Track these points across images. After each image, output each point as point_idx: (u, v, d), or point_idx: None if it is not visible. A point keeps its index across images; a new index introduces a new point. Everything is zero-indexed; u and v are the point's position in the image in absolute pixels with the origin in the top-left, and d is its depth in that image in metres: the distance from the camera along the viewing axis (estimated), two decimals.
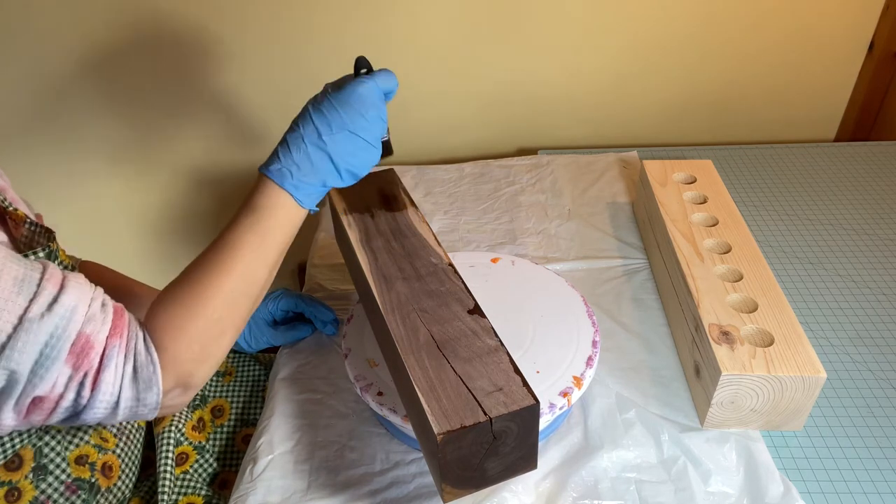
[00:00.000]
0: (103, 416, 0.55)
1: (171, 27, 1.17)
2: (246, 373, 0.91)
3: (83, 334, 0.52)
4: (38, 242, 0.64)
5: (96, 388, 0.53)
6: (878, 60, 1.25)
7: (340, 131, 0.62)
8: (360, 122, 0.62)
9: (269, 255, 0.62)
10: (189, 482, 0.78)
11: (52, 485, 0.63)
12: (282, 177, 0.61)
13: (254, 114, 1.28)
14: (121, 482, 0.70)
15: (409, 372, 0.56)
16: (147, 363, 0.55)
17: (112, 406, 0.54)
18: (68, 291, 0.53)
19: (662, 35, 1.22)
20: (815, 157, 1.19)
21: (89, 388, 0.52)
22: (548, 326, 0.74)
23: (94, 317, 0.54)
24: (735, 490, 0.66)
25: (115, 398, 0.54)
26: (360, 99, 0.62)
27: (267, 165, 0.62)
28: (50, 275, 0.53)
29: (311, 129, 0.62)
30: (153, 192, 1.36)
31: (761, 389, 0.68)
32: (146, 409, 0.56)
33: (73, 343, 0.51)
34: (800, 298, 0.89)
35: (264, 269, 0.62)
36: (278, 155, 0.62)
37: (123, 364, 0.54)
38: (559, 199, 1.10)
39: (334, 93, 0.63)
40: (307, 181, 0.62)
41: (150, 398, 0.55)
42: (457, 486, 0.54)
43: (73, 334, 0.51)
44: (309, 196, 0.63)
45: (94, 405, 0.53)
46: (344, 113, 0.62)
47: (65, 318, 0.51)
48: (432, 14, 1.18)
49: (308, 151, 0.61)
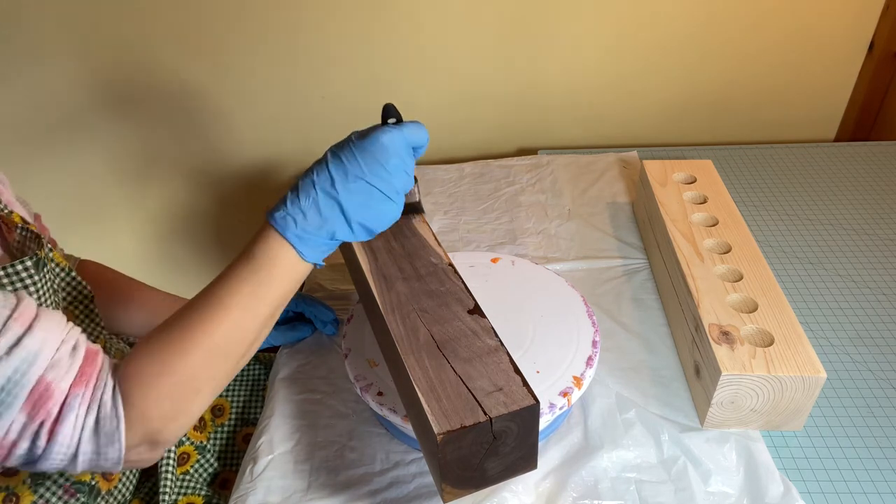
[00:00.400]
0: (60, 466, 0.52)
1: (173, 30, 1.17)
2: (246, 372, 0.91)
3: (43, 381, 0.49)
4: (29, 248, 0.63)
5: (52, 440, 0.50)
6: (878, 60, 1.25)
7: (356, 181, 0.56)
8: (379, 172, 0.57)
9: (261, 311, 0.56)
10: (189, 482, 0.78)
11: (49, 489, 0.63)
12: (285, 225, 0.56)
13: (255, 116, 1.28)
14: (121, 484, 0.70)
15: (409, 372, 0.56)
16: (111, 416, 0.51)
17: (70, 458, 0.51)
18: (34, 333, 0.50)
19: (662, 35, 1.22)
20: (815, 157, 1.19)
21: (45, 438, 0.49)
22: (548, 326, 0.74)
23: (60, 362, 0.50)
24: (735, 490, 0.66)
25: (73, 451, 0.51)
26: (381, 147, 0.57)
27: (272, 211, 0.57)
28: (20, 313, 0.50)
29: (325, 176, 0.56)
30: (153, 192, 1.36)
31: (761, 389, 0.68)
32: (108, 464, 0.53)
33: (31, 390, 0.49)
34: (800, 298, 0.89)
35: (253, 327, 0.56)
36: (286, 201, 0.57)
37: (85, 416, 0.51)
38: (559, 199, 1.10)
39: (357, 140, 0.58)
40: (313, 232, 0.56)
41: (111, 453, 0.52)
42: (457, 486, 0.54)
43: (32, 380, 0.49)
44: (313, 249, 0.57)
45: (49, 456, 0.50)
46: (363, 161, 0.57)
47: (25, 362, 0.49)
48: (433, 15, 1.18)
49: (317, 199, 0.56)
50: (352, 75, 1.24)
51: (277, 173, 1.36)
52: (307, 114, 1.28)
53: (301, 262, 0.57)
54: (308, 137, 1.31)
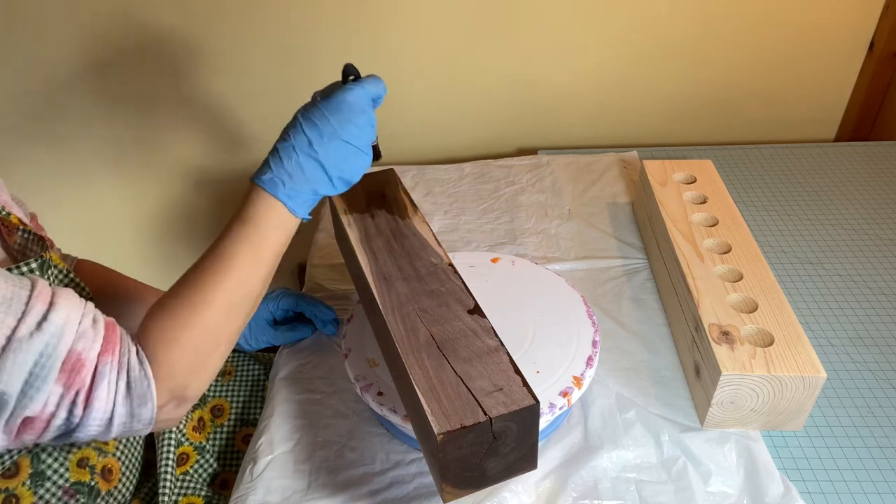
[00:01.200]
0: (97, 433, 0.54)
1: (172, 31, 1.17)
2: (246, 372, 0.91)
3: (74, 352, 0.51)
4: (31, 251, 0.64)
5: (89, 406, 0.52)
6: (878, 60, 1.25)
7: (332, 140, 0.61)
8: (350, 130, 0.62)
9: (263, 265, 0.61)
10: (189, 482, 0.78)
11: (49, 490, 0.63)
12: (274, 186, 0.61)
13: (252, 115, 1.28)
14: (121, 485, 0.70)
15: (409, 372, 0.56)
16: (141, 378, 0.54)
17: (105, 423, 0.53)
18: (58, 309, 0.52)
19: (662, 35, 1.22)
20: (815, 157, 1.19)
21: (81, 406, 0.51)
22: (548, 326, 0.74)
23: (85, 333, 0.52)
24: (735, 490, 0.66)
25: (109, 415, 0.53)
26: (349, 107, 0.62)
27: (259, 175, 0.62)
28: (39, 292, 0.52)
29: (302, 139, 0.61)
30: (152, 192, 1.36)
31: (761, 389, 0.68)
32: (141, 425, 0.55)
33: (63, 361, 0.51)
34: (800, 298, 0.89)
35: (258, 280, 0.61)
36: (269, 165, 0.62)
37: (116, 380, 0.53)
38: (559, 199, 1.10)
39: (323, 101, 0.63)
40: (300, 190, 0.61)
41: (144, 413, 0.54)
42: (457, 486, 0.54)
43: (63, 352, 0.51)
44: (302, 205, 0.62)
45: (86, 423, 0.52)
46: (334, 121, 0.62)
47: (55, 337, 0.50)
48: (433, 14, 1.18)
49: (300, 160, 0.61)
50: None
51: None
52: None
53: (291, 218, 0.62)
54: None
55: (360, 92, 0.63)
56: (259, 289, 0.62)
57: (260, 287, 0.62)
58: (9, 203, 0.67)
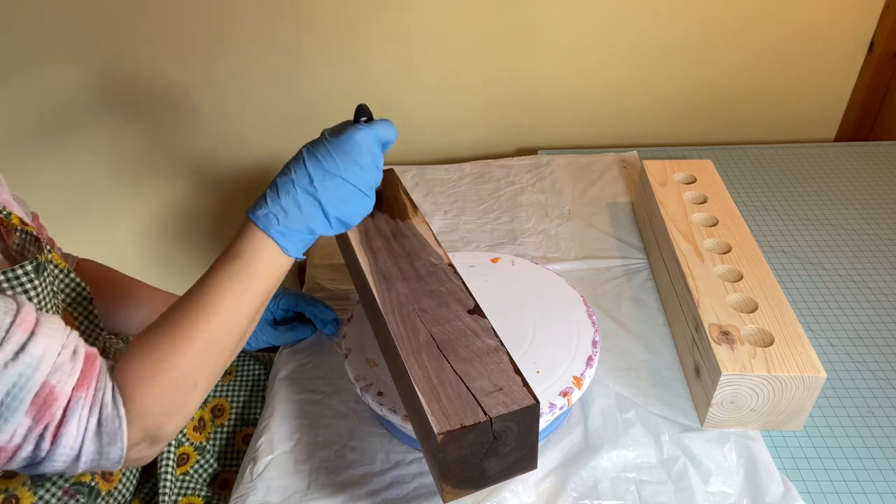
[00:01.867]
0: (63, 468, 0.52)
1: (173, 30, 1.17)
2: (246, 372, 0.91)
3: (48, 385, 0.50)
4: (29, 251, 0.63)
5: (56, 442, 0.50)
6: (878, 60, 1.25)
7: (333, 178, 0.59)
8: (353, 170, 0.60)
9: (250, 305, 0.59)
10: (189, 483, 0.78)
11: (49, 490, 0.63)
12: (267, 222, 0.58)
13: (255, 116, 1.28)
14: (121, 485, 0.70)
15: (409, 372, 0.56)
16: (113, 417, 0.52)
17: (73, 459, 0.52)
18: (37, 339, 0.50)
19: (662, 35, 1.22)
20: (815, 157, 1.19)
21: (49, 440, 0.50)
22: (548, 326, 0.74)
23: (62, 366, 0.51)
24: (735, 490, 0.66)
25: (77, 452, 0.51)
26: (355, 146, 0.60)
27: (253, 210, 0.59)
28: (22, 319, 0.51)
29: (303, 174, 0.59)
30: (153, 192, 1.36)
31: (761, 389, 0.68)
32: (109, 463, 0.53)
33: (36, 394, 0.49)
34: (800, 298, 0.89)
35: (243, 320, 0.59)
36: (266, 199, 0.59)
37: (87, 417, 0.51)
38: (559, 199, 1.10)
39: (331, 138, 0.61)
40: (294, 228, 0.59)
41: (113, 452, 0.53)
42: (457, 486, 0.54)
43: (37, 385, 0.49)
44: (295, 244, 0.60)
45: (53, 458, 0.51)
46: (339, 159, 0.59)
47: (30, 368, 0.49)
48: (433, 15, 1.18)
49: (297, 197, 0.59)
50: (351, 75, 1.24)
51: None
52: (307, 114, 1.28)
53: (283, 257, 0.60)
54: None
55: (369, 133, 0.61)
56: (245, 327, 0.59)
57: (245, 326, 0.59)
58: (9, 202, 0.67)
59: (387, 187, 0.78)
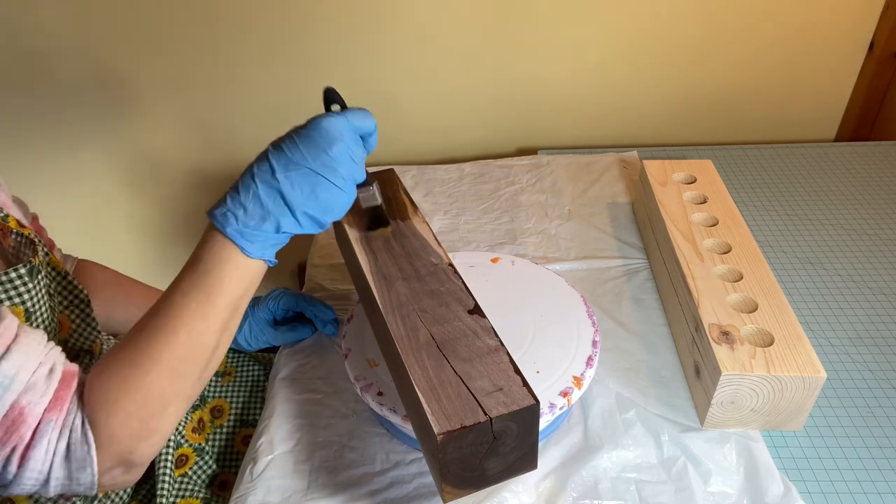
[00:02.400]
0: (32, 490, 0.51)
1: (174, 30, 1.17)
2: (245, 373, 0.91)
3: (17, 405, 0.48)
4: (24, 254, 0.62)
5: (23, 465, 0.49)
6: (878, 60, 1.25)
7: (298, 168, 0.54)
8: (321, 158, 0.54)
9: (218, 315, 0.54)
10: (188, 484, 0.78)
11: None
12: (225, 221, 0.53)
13: (255, 116, 1.28)
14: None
15: (409, 372, 0.56)
16: (81, 442, 0.50)
17: (42, 483, 0.50)
18: (12, 356, 0.49)
19: (662, 35, 1.22)
20: (815, 157, 1.19)
21: (16, 463, 0.49)
22: (548, 326, 0.74)
23: (36, 385, 0.49)
24: (735, 490, 0.66)
25: (45, 476, 0.50)
26: (322, 132, 0.55)
27: (212, 209, 0.55)
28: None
29: (265, 167, 0.54)
30: (153, 192, 1.36)
31: (761, 389, 0.68)
32: (81, 488, 0.52)
33: (4, 415, 0.48)
34: (800, 298, 0.89)
35: (212, 332, 0.54)
36: (225, 198, 0.55)
37: (56, 441, 0.50)
38: (559, 199, 1.10)
39: (297, 129, 0.56)
40: (255, 227, 0.54)
41: (84, 478, 0.51)
42: (457, 486, 0.54)
43: (6, 405, 0.48)
44: (259, 244, 0.54)
45: (20, 481, 0.49)
46: (304, 148, 0.54)
47: (1, 387, 0.48)
48: (433, 15, 1.18)
49: (258, 191, 0.53)
50: (351, 75, 1.24)
51: None
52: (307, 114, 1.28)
53: (247, 260, 0.55)
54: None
55: (339, 120, 0.56)
56: (215, 341, 0.55)
57: (216, 339, 0.55)
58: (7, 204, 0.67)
59: (387, 187, 0.78)
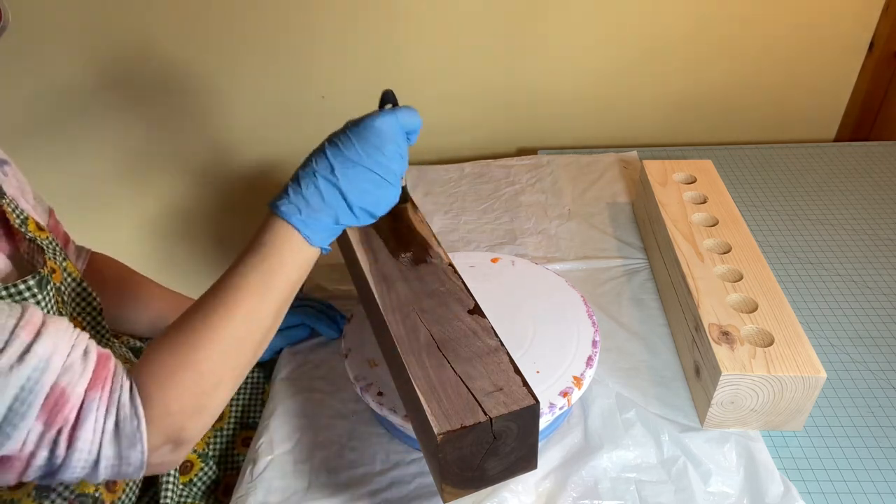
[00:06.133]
0: (82, 475, 0.50)
1: (174, 29, 1.17)
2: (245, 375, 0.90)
3: (58, 386, 0.48)
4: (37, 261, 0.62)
5: (72, 447, 0.48)
6: (878, 60, 1.25)
7: (355, 166, 0.57)
8: (376, 158, 0.58)
9: (275, 298, 0.57)
10: (192, 490, 0.78)
11: (54, 501, 0.62)
12: (289, 212, 0.57)
13: (255, 116, 1.28)
14: (124, 495, 0.70)
15: (409, 372, 0.56)
16: (131, 417, 0.50)
17: (91, 465, 0.49)
18: (43, 339, 0.48)
19: (662, 35, 1.22)
20: (815, 157, 1.19)
21: (64, 445, 0.48)
22: (548, 326, 0.74)
23: (73, 366, 0.49)
24: (735, 490, 0.66)
25: (95, 456, 0.49)
26: (377, 133, 0.58)
27: (275, 201, 0.58)
28: (27, 321, 0.49)
29: (325, 164, 0.58)
30: (153, 192, 1.36)
31: (761, 389, 0.68)
32: (131, 469, 0.51)
33: (46, 397, 0.47)
34: (800, 298, 0.89)
35: (269, 314, 0.57)
36: (288, 190, 0.58)
37: (104, 419, 0.49)
38: (559, 199, 1.10)
39: (352, 127, 0.59)
40: (317, 217, 0.57)
41: (134, 456, 0.50)
42: (457, 486, 0.54)
43: (46, 387, 0.47)
44: (319, 234, 0.58)
45: (70, 464, 0.49)
46: (360, 147, 0.58)
47: (37, 370, 0.47)
48: (433, 15, 1.18)
49: (319, 186, 0.57)
50: (352, 75, 1.24)
51: (277, 173, 1.36)
52: (307, 114, 1.28)
53: (308, 247, 0.58)
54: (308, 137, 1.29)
55: (391, 120, 0.59)
56: (270, 322, 0.58)
57: (271, 321, 0.57)
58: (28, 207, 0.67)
59: None
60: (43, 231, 0.65)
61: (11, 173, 0.70)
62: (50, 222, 0.75)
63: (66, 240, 0.79)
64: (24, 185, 0.71)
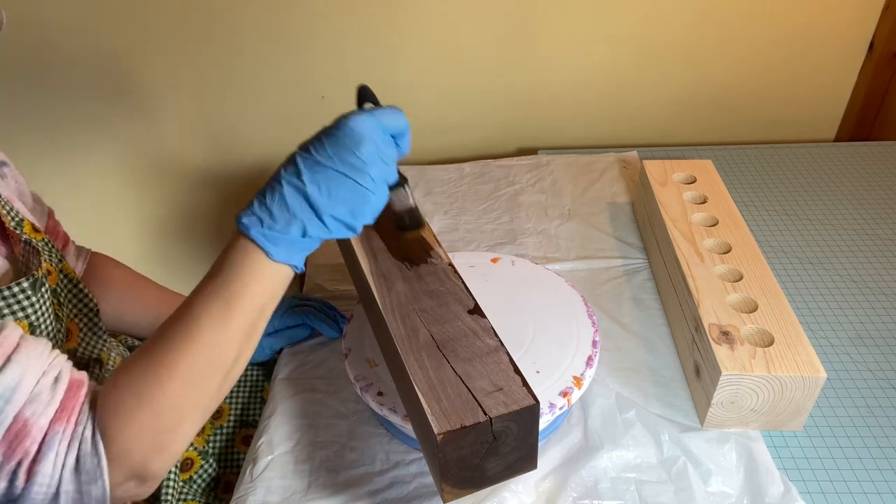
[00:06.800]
0: None
1: (174, 29, 1.17)
2: (245, 374, 0.90)
3: (21, 417, 0.46)
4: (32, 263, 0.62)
5: (31, 480, 0.47)
6: (878, 60, 1.25)
7: (324, 170, 0.51)
8: (348, 159, 0.51)
9: (240, 324, 0.52)
10: (192, 487, 0.78)
11: None
12: (250, 224, 0.51)
13: (255, 116, 1.28)
14: None
15: (409, 372, 0.56)
16: (91, 454, 0.48)
17: (51, 497, 0.48)
18: (12, 366, 0.47)
19: (662, 35, 1.22)
20: (815, 157, 1.19)
21: (23, 478, 0.47)
22: (548, 326, 0.74)
23: (39, 396, 0.48)
24: (735, 490, 0.66)
25: (54, 490, 0.48)
26: (350, 132, 0.52)
27: (240, 214, 0.53)
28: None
29: (292, 169, 0.52)
30: (153, 192, 1.36)
31: (761, 389, 0.68)
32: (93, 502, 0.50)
33: (7, 428, 0.46)
34: (800, 298, 0.89)
35: (233, 343, 0.52)
36: (253, 201, 0.52)
37: (66, 454, 0.48)
38: (559, 199, 1.10)
39: (326, 129, 0.54)
40: (281, 230, 0.51)
41: (94, 491, 0.49)
42: (457, 486, 0.54)
43: (9, 417, 0.46)
44: (284, 248, 0.52)
45: (29, 496, 0.47)
46: (331, 148, 0.51)
47: (1, 399, 0.46)
48: (433, 15, 1.18)
49: (283, 193, 0.51)
50: (352, 75, 1.24)
51: None
52: (307, 114, 1.28)
53: (272, 265, 0.52)
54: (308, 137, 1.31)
55: (367, 118, 0.52)
56: (235, 351, 0.53)
57: (236, 350, 0.52)
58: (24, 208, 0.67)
59: None
60: (39, 233, 0.64)
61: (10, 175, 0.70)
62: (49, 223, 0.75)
63: (66, 241, 0.79)
64: (23, 187, 0.71)
